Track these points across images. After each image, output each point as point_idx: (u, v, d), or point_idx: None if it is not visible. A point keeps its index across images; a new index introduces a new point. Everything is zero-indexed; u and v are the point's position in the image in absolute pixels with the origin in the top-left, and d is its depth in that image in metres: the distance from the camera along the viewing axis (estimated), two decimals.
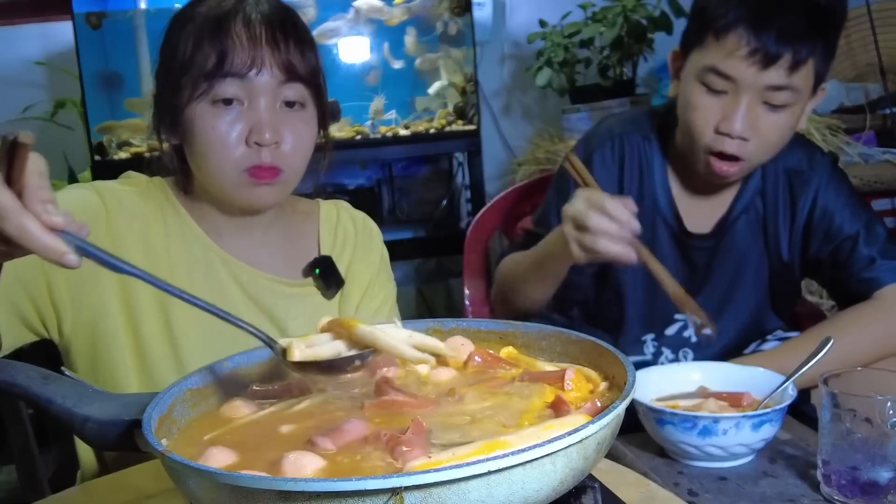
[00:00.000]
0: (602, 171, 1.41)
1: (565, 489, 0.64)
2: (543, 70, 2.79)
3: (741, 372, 1.20)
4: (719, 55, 1.24)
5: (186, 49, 1.08)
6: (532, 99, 3.19)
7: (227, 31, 1.07)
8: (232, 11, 1.08)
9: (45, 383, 0.80)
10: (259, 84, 1.07)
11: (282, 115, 1.09)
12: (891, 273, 1.33)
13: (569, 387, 0.78)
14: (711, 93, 1.27)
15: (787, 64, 1.22)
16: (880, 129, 2.60)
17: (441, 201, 3.17)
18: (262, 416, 0.79)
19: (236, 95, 1.07)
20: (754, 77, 1.23)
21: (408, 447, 0.64)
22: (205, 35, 1.07)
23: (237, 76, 1.06)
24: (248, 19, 1.08)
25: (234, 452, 0.70)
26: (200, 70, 1.07)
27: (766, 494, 1.01)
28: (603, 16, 2.69)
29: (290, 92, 1.09)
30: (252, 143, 1.07)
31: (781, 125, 1.27)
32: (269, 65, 1.07)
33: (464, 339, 0.91)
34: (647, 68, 2.92)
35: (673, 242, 1.43)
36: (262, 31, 1.07)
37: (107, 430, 0.76)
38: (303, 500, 0.57)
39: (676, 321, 1.45)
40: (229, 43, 1.06)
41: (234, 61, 1.06)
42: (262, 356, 0.89)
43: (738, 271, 1.43)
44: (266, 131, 1.06)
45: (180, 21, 1.11)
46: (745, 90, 1.24)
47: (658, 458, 1.13)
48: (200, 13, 1.10)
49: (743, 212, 1.41)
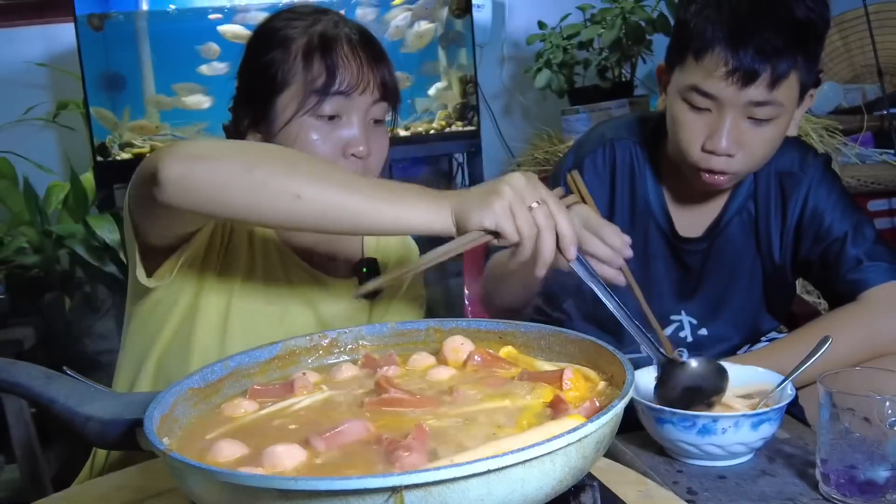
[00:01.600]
0: (593, 177, 1.42)
1: (564, 488, 0.65)
2: (542, 71, 2.80)
3: (740, 371, 1.20)
4: (699, 75, 1.24)
5: (291, 66, 1.16)
6: (531, 100, 3.19)
7: (335, 52, 1.16)
8: (334, 33, 1.17)
9: (47, 383, 0.80)
10: (359, 102, 1.17)
11: (371, 130, 1.20)
12: (877, 274, 1.33)
13: (567, 386, 0.79)
14: (695, 110, 1.27)
15: (767, 80, 1.21)
16: (877, 130, 2.61)
17: None
18: (263, 415, 0.79)
19: (338, 112, 1.16)
20: (735, 95, 1.22)
21: (406, 451, 0.65)
22: (314, 54, 1.16)
23: (344, 94, 1.15)
24: (350, 41, 1.17)
25: (244, 445, 0.71)
26: (311, 87, 1.14)
27: (765, 493, 1.02)
28: (602, 17, 2.69)
29: (378, 110, 1.20)
30: (349, 155, 1.16)
31: (768, 138, 1.27)
32: (371, 85, 1.17)
33: (463, 338, 0.91)
34: (645, 69, 2.93)
35: (666, 246, 1.43)
36: (362, 53, 1.17)
37: (108, 430, 0.76)
38: (303, 499, 0.58)
39: (672, 321, 1.45)
40: (338, 63, 1.15)
41: (344, 81, 1.15)
42: (262, 356, 0.89)
43: (731, 273, 1.43)
44: (361, 145, 1.16)
45: (270, 36, 1.18)
46: (727, 107, 1.24)
47: (657, 457, 1.13)
48: (295, 32, 1.17)
49: (735, 215, 1.41)
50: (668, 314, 1.44)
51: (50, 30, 2.99)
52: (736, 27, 1.22)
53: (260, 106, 1.18)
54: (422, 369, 0.88)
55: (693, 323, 1.45)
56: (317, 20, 1.19)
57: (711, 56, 1.23)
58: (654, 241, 1.42)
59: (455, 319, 0.96)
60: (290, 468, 0.67)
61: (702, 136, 1.27)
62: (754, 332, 1.47)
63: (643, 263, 1.43)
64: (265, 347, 0.90)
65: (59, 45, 2.96)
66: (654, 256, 1.43)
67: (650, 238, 1.42)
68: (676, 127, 1.30)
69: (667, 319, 1.45)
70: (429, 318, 0.98)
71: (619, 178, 1.43)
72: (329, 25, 1.19)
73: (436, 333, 0.95)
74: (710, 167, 1.27)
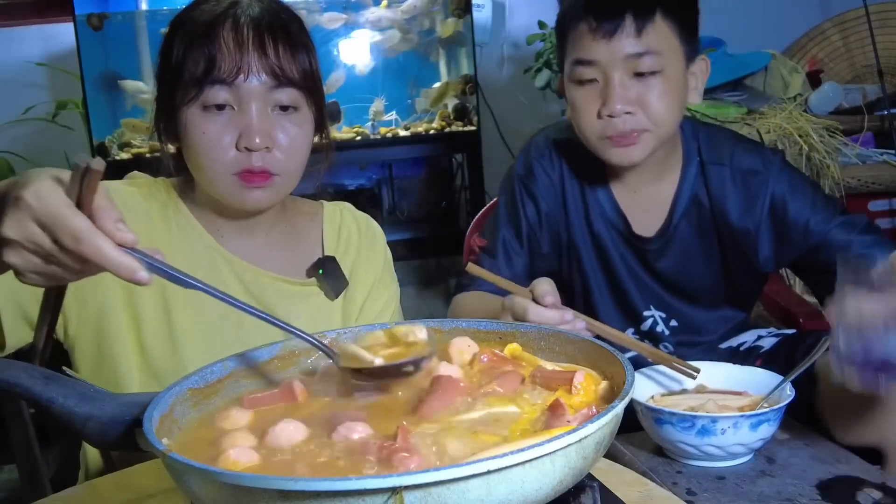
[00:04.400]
0: (545, 180, 1.46)
1: (564, 488, 0.65)
2: (542, 71, 2.80)
3: (740, 371, 1.20)
4: (576, 49, 1.31)
5: (179, 54, 1.09)
6: (531, 100, 3.19)
7: (216, 36, 1.06)
8: (222, 16, 1.08)
9: (46, 383, 0.80)
10: (248, 89, 1.07)
11: (274, 118, 1.09)
12: (869, 249, 1.34)
13: (576, 390, 0.78)
14: (584, 85, 1.32)
15: (632, 27, 1.26)
16: (878, 130, 2.61)
17: (441, 202, 3.18)
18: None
19: (227, 101, 1.07)
20: (609, 51, 1.27)
21: (407, 454, 0.64)
22: (194, 41, 1.07)
23: (225, 83, 1.06)
24: (236, 23, 1.07)
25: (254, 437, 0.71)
26: (191, 76, 1.07)
27: (765, 493, 1.02)
28: None
29: (283, 96, 1.09)
30: (242, 147, 1.07)
31: (660, 91, 1.29)
32: (257, 70, 1.07)
33: (470, 340, 0.91)
34: None
35: (625, 245, 1.45)
36: (249, 35, 1.07)
37: (108, 430, 0.76)
38: (303, 499, 0.58)
39: (646, 317, 1.48)
40: (217, 49, 1.06)
41: (222, 68, 1.06)
42: (262, 356, 0.89)
43: (686, 267, 1.45)
44: (255, 136, 1.07)
45: (177, 24, 1.12)
46: (609, 68, 1.28)
47: (657, 458, 1.13)
48: (194, 17, 1.10)
49: (686, 209, 1.43)
50: (640, 311, 1.47)
51: (49, 29, 2.99)
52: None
53: (164, 99, 1.11)
54: (427, 370, 0.87)
55: (663, 317, 1.48)
56: (218, 3, 1.10)
57: (578, 26, 1.30)
58: (614, 241, 1.45)
59: (455, 320, 0.95)
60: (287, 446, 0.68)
61: (596, 105, 1.31)
62: (719, 319, 1.50)
63: (603, 265, 1.46)
64: (265, 348, 0.90)
65: (59, 44, 2.96)
66: (612, 256, 1.45)
67: (611, 238, 1.45)
68: (575, 112, 1.34)
69: (641, 316, 1.48)
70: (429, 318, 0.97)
71: (568, 182, 1.46)
72: (225, 6, 1.09)
73: (436, 334, 0.94)
74: (614, 131, 1.30)
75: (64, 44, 2.89)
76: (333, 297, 1.22)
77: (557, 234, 1.47)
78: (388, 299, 1.29)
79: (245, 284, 1.17)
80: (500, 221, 1.48)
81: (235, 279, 1.17)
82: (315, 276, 1.22)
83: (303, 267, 1.23)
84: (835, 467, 1.08)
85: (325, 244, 1.26)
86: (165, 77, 1.11)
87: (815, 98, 2.64)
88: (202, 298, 0.77)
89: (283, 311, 1.18)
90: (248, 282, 1.17)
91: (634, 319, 1.48)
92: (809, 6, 3.33)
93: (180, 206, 1.18)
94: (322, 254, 1.25)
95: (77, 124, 2.90)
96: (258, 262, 1.19)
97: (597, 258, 1.46)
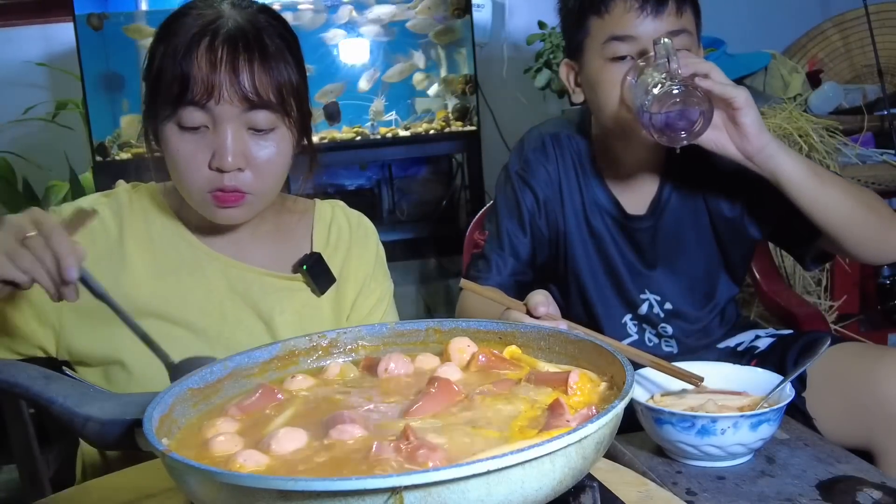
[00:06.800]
0: (541, 171, 1.48)
1: (564, 488, 0.65)
2: (542, 71, 2.80)
3: (740, 371, 1.20)
4: (611, 25, 1.33)
5: (158, 68, 1.09)
6: (531, 100, 3.19)
7: (191, 57, 1.06)
8: (198, 34, 1.07)
9: (46, 383, 0.80)
10: (222, 111, 1.07)
11: (249, 138, 1.09)
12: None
13: (572, 391, 0.78)
14: (617, 61, 1.33)
15: (674, 6, 1.32)
16: (878, 130, 2.61)
17: (441, 202, 3.18)
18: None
19: (202, 122, 1.08)
20: (654, 28, 1.30)
21: (429, 450, 0.64)
22: (172, 58, 1.07)
23: (198, 105, 1.06)
24: (212, 43, 1.06)
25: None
26: (167, 95, 1.07)
27: (765, 493, 1.02)
28: None
29: (257, 118, 1.08)
30: (215, 167, 1.08)
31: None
32: (229, 96, 1.06)
33: (469, 340, 0.91)
34: None
35: (617, 228, 1.48)
36: (224, 56, 1.06)
37: (108, 430, 0.76)
38: (303, 500, 0.58)
39: (642, 301, 1.49)
40: (190, 70, 1.05)
41: (195, 91, 1.05)
42: (261, 356, 0.89)
43: (679, 244, 1.48)
44: (228, 156, 1.07)
45: (162, 34, 1.12)
46: (649, 44, 1.30)
47: (656, 458, 1.13)
48: (175, 31, 1.09)
49: (673, 189, 1.46)
50: (637, 295, 1.49)
51: (49, 29, 2.99)
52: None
53: (151, 110, 1.12)
54: (429, 370, 0.87)
55: (657, 300, 1.49)
56: (200, 16, 1.09)
57: (616, 4, 1.32)
58: (607, 226, 1.48)
59: (455, 320, 0.95)
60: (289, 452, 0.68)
61: (627, 76, 1.32)
62: (712, 300, 1.51)
63: (598, 251, 1.49)
64: (264, 348, 0.90)
65: (59, 44, 2.96)
66: (606, 243, 1.48)
67: (604, 223, 1.48)
68: (602, 89, 1.35)
69: (637, 300, 1.49)
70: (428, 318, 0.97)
71: (563, 171, 1.49)
72: (207, 22, 1.08)
73: (435, 334, 0.94)
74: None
75: (64, 44, 2.89)
76: (319, 293, 1.23)
77: (555, 220, 1.49)
78: (381, 296, 1.30)
79: (229, 280, 1.18)
80: (501, 214, 1.50)
81: (220, 275, 1.18)
82: (300, 272, 1.23)
83: (290, 262, 1.24)
84: (835, 467, 1.08)
85: (315, 241, 1.27)
86: (149, 84, 1.12)
87: (814, 98, 2.64)
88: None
89: (268, 305, 1.19)
90: (232, 277, 1.19)
91: (630, 304, 1.49)
92: (809, 6, 3.33)
93: (165, 209, 1.20)
94: (310, 250, 1.25)
95: (77, 124, 2.89)
96: (244, 257, 1.21)
97: (592, 245, 1.49)
